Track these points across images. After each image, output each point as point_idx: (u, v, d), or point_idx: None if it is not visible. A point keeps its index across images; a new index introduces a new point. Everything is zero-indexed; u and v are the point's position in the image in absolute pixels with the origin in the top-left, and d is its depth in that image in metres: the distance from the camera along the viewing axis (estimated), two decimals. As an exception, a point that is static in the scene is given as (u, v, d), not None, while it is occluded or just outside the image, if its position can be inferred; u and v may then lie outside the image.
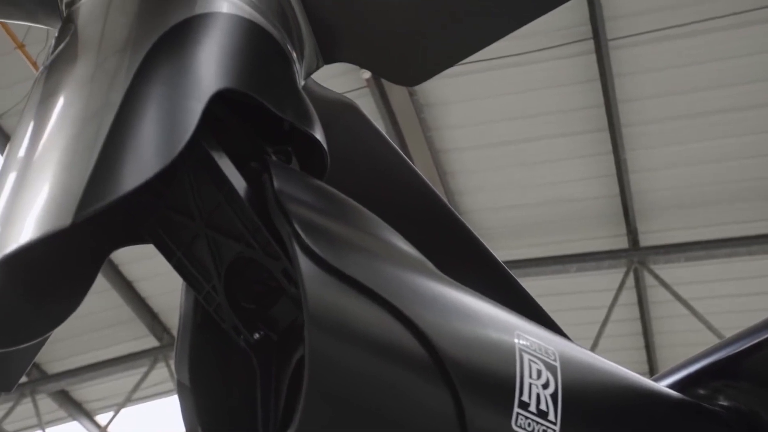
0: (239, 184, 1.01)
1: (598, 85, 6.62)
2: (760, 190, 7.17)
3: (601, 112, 6.80)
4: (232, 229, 1.04)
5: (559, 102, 6.86)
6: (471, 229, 1.44)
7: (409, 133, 7.02)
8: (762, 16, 6.10)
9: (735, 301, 7.96)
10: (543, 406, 0.98)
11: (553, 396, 1.00)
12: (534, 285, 7.24)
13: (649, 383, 1.23)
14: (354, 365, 0.88)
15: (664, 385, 1.28)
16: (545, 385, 1.00)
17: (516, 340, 1.02)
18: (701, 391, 1.27)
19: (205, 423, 1.04)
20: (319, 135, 1.07)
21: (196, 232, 1.07)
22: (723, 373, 1.29)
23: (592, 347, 7.52)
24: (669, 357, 8.55)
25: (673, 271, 7.78)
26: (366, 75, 6.45)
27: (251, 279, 1.06)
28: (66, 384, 9.54)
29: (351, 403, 0.88)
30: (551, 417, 0.98)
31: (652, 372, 8.59)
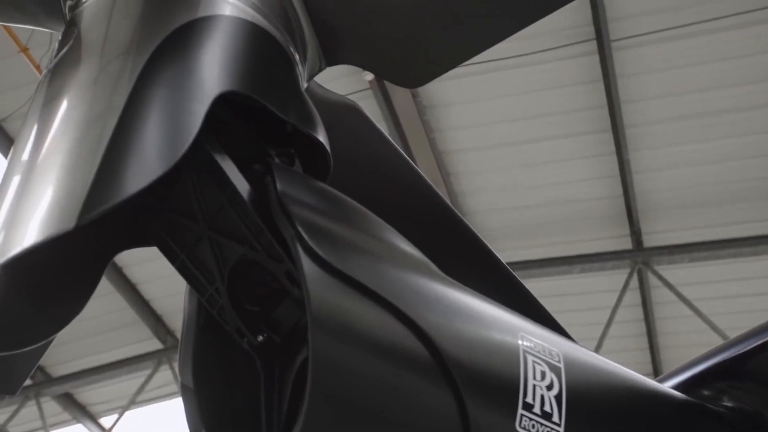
0: (242, 186, 1.01)
1: (601, 86, 6.61)
2: (764, 190, 7.16)
3: (604, 113, 6.79)
4: (235, 232, 1.04)
5: (563, 103, 6.85)
6: (474, 230, 1.43)
7: (412, 134, 7.02)
8: (765, 16, 6.09)
9: (740, 301, 7.95)
10: (547, 408, 0.98)
11: (557, 397, 1.00)
12: (537, 286, 7.23)
13: (654, 384, 1.23)
14: (357, 367, 0.88)
15: (668, 386, 1.28)
16: (549, 387, 1.00)
17: (520, 342, 1.02)
18: (706, 392, 1.27)
19: (209, 425, 1.04)
20: (322, 137, 1.07)
21: (200, 235, 1.07)
22: (727, 373, 1.28)
23: (596, 348, 7.51)
24: (673, 358, 8.53)
25: (677, 271, 7.77)
26: (369, 77, 6.45)
27: (254, 281, 1.06)
28: (70, 387, 9.56)
29: (354, 405, 0.88)
30: (555, 418, 0.98)
31: (656, 373, 8.57)
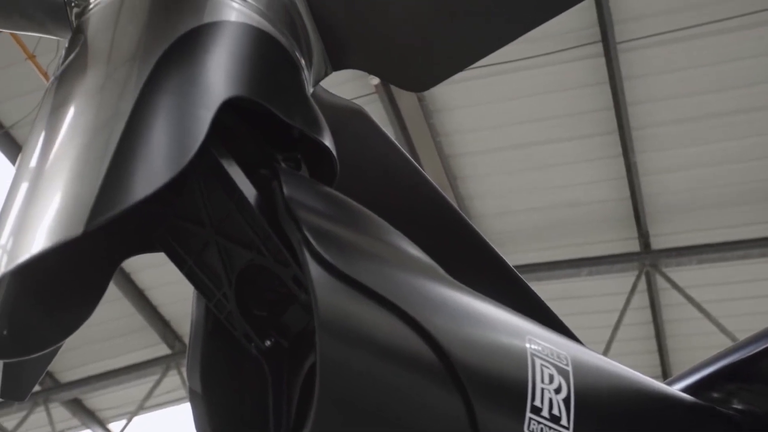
0: (249, 191, 1.01)
1: (607, 88, 6.60)
2: (773, 192, 7.14)
3: (610, 115, 6.78)
4: (242, 237, 1.04)
5: (569, 105, 6.84)
6: (481, 233, 1.43)
7: (419, 138, 7.02)
8: (772, 17, 6.07)
9: (748, 303, 7.91)
10: (555, 411, 0.98)
11: (566, 400, 0.99)
12: (545, 289, 7.22)
13: (663, 387, 1.22)
14: (365, 371, 0.88)
15: (677, 388, 1.27)
16: (557, 390, 1.00)
17: (527, 345, 1.01)
18: (715, 395, 1.26)
19: (217, 430, 1.05)
20: (328, 142, 1.07)
21: (207, 240, 1.07)
22: (737, 376, 1.28)
23: (605, 351, 7.49)
24: (682, 360, 8.50)
25: (685, 273, 7.74)
26: (375, 81, 6.46)
27: (262, 286, 1.06)
28: (79, 392, 9.58)
29: (363, 409, 0.88)
30: (564, 422, 0.98)
31: (665, 376, 8.54)
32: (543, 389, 0.98)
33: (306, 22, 1.15)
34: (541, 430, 0.96)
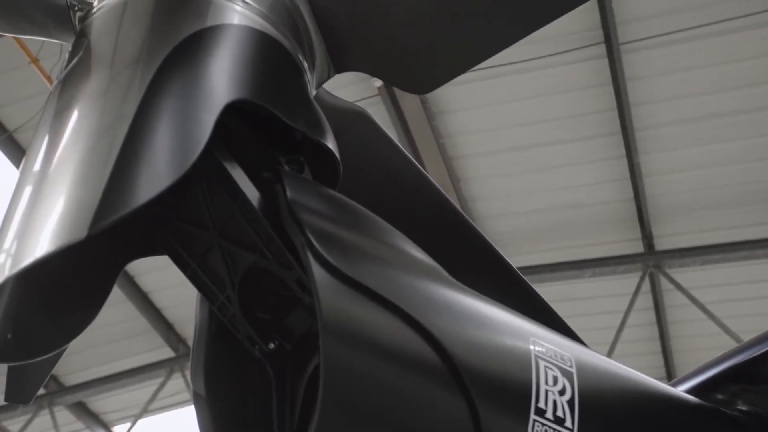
0: (252, 194, 1.01)
1: (610, 89, 6.60)
2: (776, 192, 7.12)
3: (613, 116, 6.77)
4: (245, 240, 1.04)
5: (572, 107, 6.84)
6: (484, 235, 1.43)
7: (422, 140, 7.01)
8: (775, 17, 6.07)
9: (753, 304, 7.89)
10: (560, 413, 0.98)
11: (570, 402, 0.99)
12: (549, 290, 7.22)
13: (667, 388, 1.22)
14: (369, 373, 0.88)
15: (681, 390, 1.27)
16: (562, 392, 0.99)
17: (531, 347, 1.01)
18: (720, 396, 1.26)
19: (222, 433, 1.05)
20: (331, 144, 1.08)
21: (210, 243, 1.07)
22: (742, 377, 1.27)
23: (609, 353, 7.48)
24: (686, 361, 8.47)
25: (689, 274, 7.72)
26: (377, 83, 6.46)
27: (265, 289, 1.07)
28: (83, 396, 9.58)
29: (366, 412, 0.88)
30: (568, 423, 0.98)
31: (669, 377, 8.52)
32: (547, 391, 0.98)
33: (309, 24, 1.15)
34: (546, 431, 0.96)
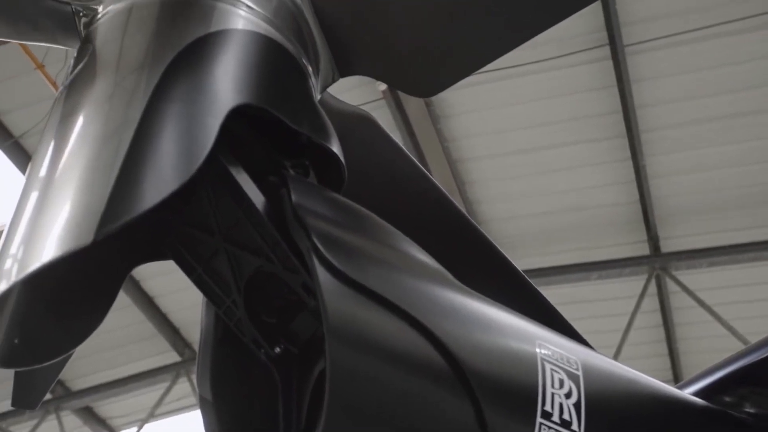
0: (258, 199, 1.01)
1: (614, 92, 6.59)
2: (783, 194, 7.10)
3: (618, 118, 6.76)
4: (251, 244, 1.04)
5: (577, 109, 6.83)
6: (490, 238, 1.43)
7: (426, 143, 7.02)
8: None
9: (760, 305, 7.86)
10: (566, 416, 0.97)
11: (576, 405, 0.99)
12: (555, 293, 7.20)
13: (674, 391, 1.22)
14: (375, 377, 0.88)
15: (688, 392, 1.27)
16: (568, 395, 0.99)
17: (537, 350, 1.01)
18: (727, 399, 1.25)
19: (228, 437, 1.05)
20: (335, 148, 1.08)
21: (216, 248, 1.07)
22: (749, 379, 1.27)
23: (615, 355, 7.46)
24: (693, 364, 8.45)
25: (695, 276, 7.70)
26: (382, 87, 6.46)
27: (271, 293, 1.07)
28: (90, 400, 9.59)
29: (373, 415, 0.88)
30: (575, 427, 0.98)
31: (676, 379, 8.49)
32: (553, 394, 0.98)
33: (313, 29, 1.16)
34: (552, 435, 0.95)
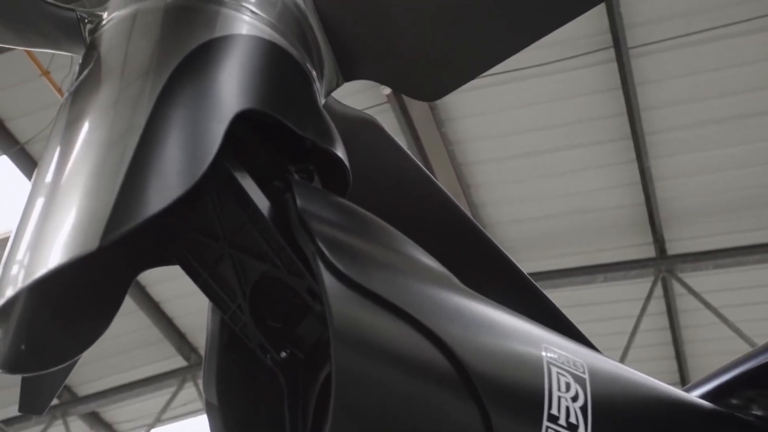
0: (262, 204, 1.01)
1: (619, 94, 6.58)
2: (789, 195, 7.08)
3: (623, 121, 6.75)
4: (256, 249, 1.04)
5: (581, 111, 6.82)
6: (495, 241, 1.43)
7: (431, 147, 7.02)
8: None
9: (766, 308, 7.84)
10: (573, 419, 0.97)
11: (583, 409, 0.99)
12: (561, 296, 7.18)
13: (681, 394, 1.21)
14: (381, 381, 0.88)
15: (696, 395, 1.26)
16: (574, 398, 0.99)
17: (543, 353, 1.01)
18: (734, 401, 1.25)
19: (234, 442, 1.05)
20: (340, 152, 1.08)
21: (221, 253, 1.07)
22: (756, 381, 1.27)
23: (622, 358, 7.44)
24: (700, 366, 8.42)
25: (701, 279, 7.68)
26: (386, 91, 6.46)
27: (276, 298, 1.07)
28: (96, 406, 9.60)
29: (378, 419, 0.88)
30: (581, 430, 0.97)
31: (683, 382, 8.47)
32: (560, 397, 0.97)
33: (317, 33, 1.16)
34: (559, 438, 0.95)
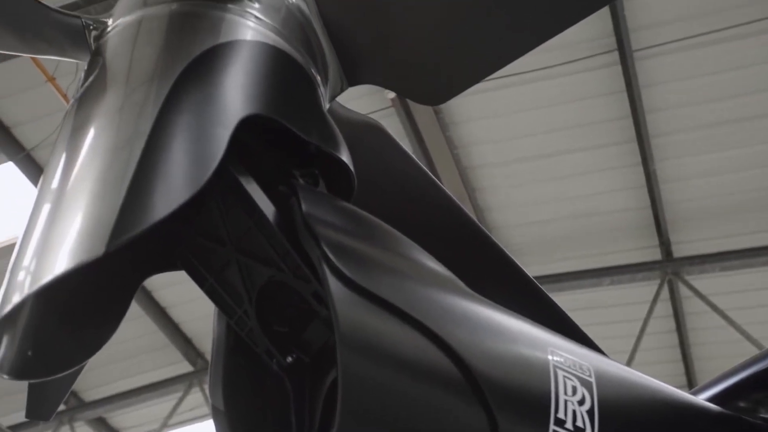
0: (268, 208, 1.01)
1: (623, 97, 6.57)
2: (795, 197, 7.06)
3: (628, 124, 6.75)
4: (262, 254, 1.04)
5: (586, 115, 6.82)
6: (500, 245, 1.43)
7: (436, 151, 7.02)
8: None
9: (773, 310, 7.81)
10: (580, 423, 0.97)
11: (590, 412, 0.98)
12: (567, 299, 7.17)
13: (688, 397, 1.21)
14: (387, 385, 0.88)
15: (702, 398, 1.26)
16: (581, 402, 0.99)
17: (550, 357, 1.01)
18: (742, 404, 1.25)
19: (241, 447, 1.05)
20: (345, 157, 1.08)
21: (227, 258, 1.07)
22: (764, 384, 1.26)
23: (628, 361, 7.41)
24: (707, 369, 8.39)
25: (708, 281, 7.66)
26: (391, 95, 6.47)
27: (282, 303, 1.07)
28: (103, 411, 9.62)
29: (385, 423, 0.88)
30: (588, 434, 0.97)
31: (690, 385, 8.44)
32: (566, 401, 0.97)
33: (321, 38, 1.16)
34: (566, 442, 0.95)
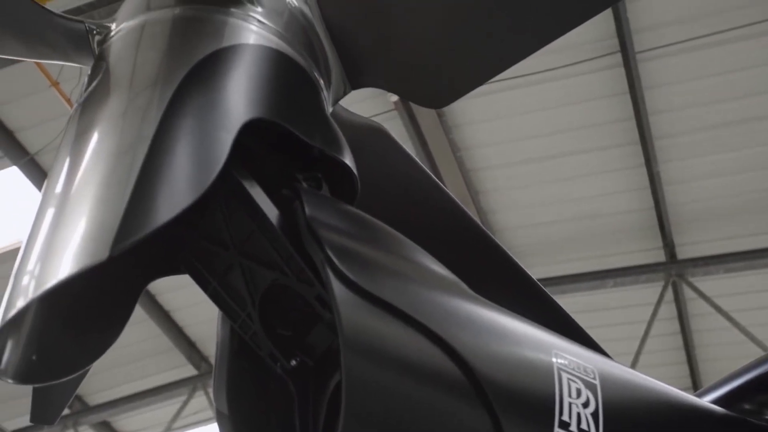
0: (271, 212, 1.02)
1: (626, 99, 6.57)
2: (799, 198, 7.04)
3: (631, 125, 6.74)
4: (265, 257, 1.04)
5: (589, 116, 6.81)
6: (504, 248, 1.43)
7: (439, 153, 7.02)
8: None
9: (778, 311, 7.79)
10: (584, 426, 0.97)
11: (594, 415, 0.98)
12: (571, 302, 7.16)
13: (693, 399, 1.21)
14: (391, 388, 0.88)
15: (707, 400, 1.25)
16: (585, 404, 0.99)
17: (554, 359, 1.01)
18: (747, 406, 1.24)
19: (245, 451, 1.05)
20: (348, 160, 1.08)
21: (231, 262, 1.08)
22: (769, 386, 1.26)
23: (633, 363, 7.40)
24: (712, 371, 8.37)
25: (712, 283, 7.64)
26: (394, 98, 6.47)
27: (286, 306, 1.07)
28: (107, 415, 9.62)
29: (389, 427, 0.87)
30: (593, 436, 0.97)
31: (695, 387, 8.42)
32: (571, 404, 0.97)
33: (324, 42, 1.16)
34: (570, 445, 0.95)
